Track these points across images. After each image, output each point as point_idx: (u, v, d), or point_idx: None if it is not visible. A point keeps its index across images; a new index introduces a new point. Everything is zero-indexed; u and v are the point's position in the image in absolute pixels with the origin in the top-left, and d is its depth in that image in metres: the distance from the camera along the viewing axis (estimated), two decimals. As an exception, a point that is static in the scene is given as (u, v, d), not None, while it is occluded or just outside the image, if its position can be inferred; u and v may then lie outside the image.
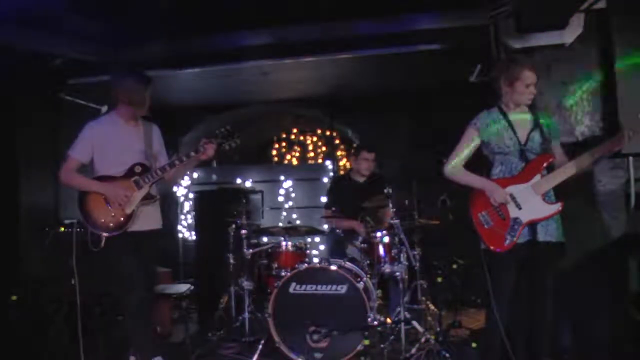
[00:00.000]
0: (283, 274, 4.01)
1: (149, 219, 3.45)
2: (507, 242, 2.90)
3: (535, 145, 2.99)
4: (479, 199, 3.02)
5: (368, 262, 4.21)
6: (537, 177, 2.93)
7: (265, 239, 6.02)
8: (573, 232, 3.10)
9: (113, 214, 3.32)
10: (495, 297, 2.91)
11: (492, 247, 2.93)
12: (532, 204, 2.91)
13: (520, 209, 2.93)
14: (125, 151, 3.41)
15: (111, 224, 3.32)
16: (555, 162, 3.00)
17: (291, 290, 3.87)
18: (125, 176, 3.38)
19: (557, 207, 2.90)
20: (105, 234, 3.29)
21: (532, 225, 2.91)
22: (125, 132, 3.46)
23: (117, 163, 3.39)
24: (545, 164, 2.97)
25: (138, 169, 3.40)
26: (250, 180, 7.36)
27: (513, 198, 2.94)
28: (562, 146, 3.13)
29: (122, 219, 3.33)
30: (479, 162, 3.18)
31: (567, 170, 2.90)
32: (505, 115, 3.05)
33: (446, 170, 3.16)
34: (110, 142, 3.40)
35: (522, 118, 3.05)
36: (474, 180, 3.08)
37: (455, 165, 3.13)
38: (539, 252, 2.91)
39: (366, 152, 4.95)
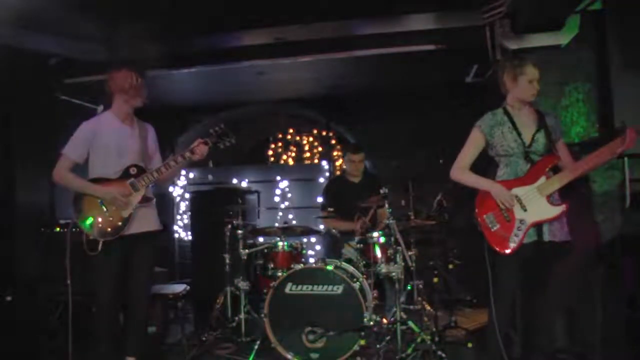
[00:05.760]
0: (279, 274, 4.02)
1: (145, 221, 3.39)
2: (512, 244, 2.91)
3: (539, 147, 2.98)
4: (485, 201, 3.02)
5: (364, 262, 4.21)
6: (542, 179, 2.94)
7: (261, 239, 6.01)
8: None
9: (110, 218, 3.26)
10: (496, 295, 2.93)
11: (497, 249, 2.94)
12: (537, 206, 2.92)
13: (525, 210, 2.93)
14: (122, 152, 3.34)
15: (108, 228, 3.25)
16: (560, 163, 3.01)
17: (287, 290, 3.87)
18: (120, 178, 3.31)
19: (562, 208, 2.91)
20: (101, 239, 3.21)
21: (538, 225, 2.92)
22: (121, 133, 3.38)
23: (113, 164, 3.32)
24: (550, 166, 2.97)
25: (133, 171, 3.33)
26: (246, 180, 7.34)
27: (518, 200, 2.94)
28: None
29: (119, 222, 3.27)
30: (485, 164, 3.19)
31: (573, 173, 2.91)
32: (510, 116, 3.05)
33: (452, 173, 3.17)
34: (106, 142, 3.33)
35: (526, 119, 3.05)
36: (480, 182, 3.08)
37: (461, 167, 3.14)
38: (544, 252, 2.93)
39: (352, 153, 4.91)
